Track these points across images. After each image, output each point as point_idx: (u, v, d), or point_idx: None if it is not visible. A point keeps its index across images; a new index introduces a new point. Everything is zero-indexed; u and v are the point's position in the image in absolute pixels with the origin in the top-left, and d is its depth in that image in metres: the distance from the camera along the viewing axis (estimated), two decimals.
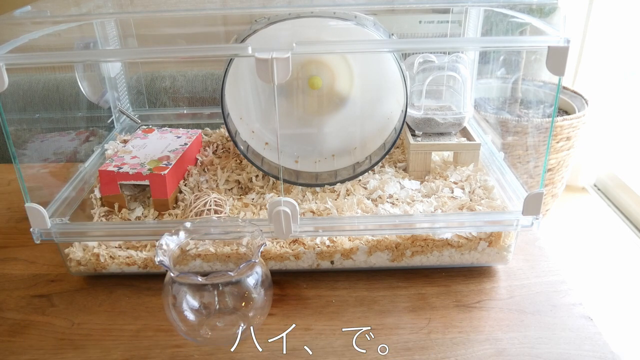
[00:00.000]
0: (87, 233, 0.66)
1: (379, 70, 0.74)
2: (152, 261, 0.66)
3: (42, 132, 0.89)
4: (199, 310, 0.53)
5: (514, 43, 0.66)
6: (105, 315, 0.62)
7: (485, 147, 0.81)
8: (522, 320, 0.60)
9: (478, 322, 0.60)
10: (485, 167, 0.78)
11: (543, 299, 0.64)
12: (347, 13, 0.69)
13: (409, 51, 0.85)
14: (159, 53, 0.59)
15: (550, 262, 0.70)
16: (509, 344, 0.57)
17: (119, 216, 0.71)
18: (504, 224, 0.64)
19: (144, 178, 0.70)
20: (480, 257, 0.67)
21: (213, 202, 0.68)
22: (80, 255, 0.66)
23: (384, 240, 0.66)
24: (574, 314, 0.61)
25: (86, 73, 0.87)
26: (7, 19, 0.62)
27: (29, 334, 0.60)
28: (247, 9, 0.74)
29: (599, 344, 0.57)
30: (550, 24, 0.59)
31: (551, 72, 0.55)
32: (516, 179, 0.71)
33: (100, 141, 0.87)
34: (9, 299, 0.65)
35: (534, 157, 1.11)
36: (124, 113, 0.93)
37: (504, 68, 1.14)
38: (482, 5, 0.74)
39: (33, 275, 0.69)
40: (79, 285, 0.67)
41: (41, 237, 0.63)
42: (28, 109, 1.15)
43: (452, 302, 0.63)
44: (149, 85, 1.16)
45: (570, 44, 0.54)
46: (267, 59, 0.52)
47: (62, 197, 0.69)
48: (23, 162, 0.62)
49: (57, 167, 0.84)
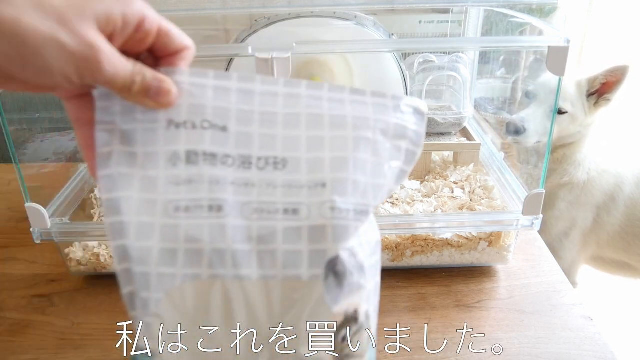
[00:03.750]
0: (88, 233, 0.66)
1: (379, 70, 0.74)
2: None
3: (42, 132, 0.89)
4: None
5: (514, 43, 0.66)
6: (105, 315, 0.62)
7: (485, 147, 0.81)
8: (522, 320, 0.60)
9: (478, 322, 0.60)
10: (485, 167, 0.78)
11: (543, 299, 0.64)
12: (347, 13, 0.69)
13: (409, 51, 0.85)
14: None
15: (550, 262, 0.70)
16: (509, 344, 0.57)
17: None
18: (504, 224, 0.64)
19: None
20: (480, 257, 0.67)
21: None
22: (80, 255, 0.66)
23: (384, 240, 0.66)
24: (574, 314, 0.61)
25: None
26: None
27: (29, 334, 0.60)
28: (247, 9, 0.74)
29: (599, 344, 0.57)
30: (550, 24, 0.59)
31: (551, 72, 0.55)
32: (516, 179, 0.71)
33: None
34: (9, 299, 0.65)
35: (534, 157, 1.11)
36: None
37: (504, 68, 1.14)
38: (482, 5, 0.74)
39: (33, 275, 0.69)
40: (79, 285, 0.67)
41: (41, 237, 0.63)
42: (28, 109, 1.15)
43: (452, 302, 0.63)
44: None
45: (570, 44, 0.54)
46: (267, 59, 0.52)
47: (62, 197, 0.69)
48: (23, 162, 0.62)
49: (57, 167, 0.84)
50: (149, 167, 0.30)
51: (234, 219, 0.30)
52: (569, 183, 1.14)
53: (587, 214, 1.16)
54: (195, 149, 0.31)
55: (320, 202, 0.30)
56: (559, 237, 1.18)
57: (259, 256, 0.30)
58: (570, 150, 1.14)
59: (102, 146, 0.31)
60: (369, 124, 0.33)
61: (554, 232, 1.18)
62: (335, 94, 0.33)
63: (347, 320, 0.31)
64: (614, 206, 1.15)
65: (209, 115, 0.31)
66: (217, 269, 0.29)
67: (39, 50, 0.27)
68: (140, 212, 0.30)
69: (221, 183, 0.30)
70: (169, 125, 0.31)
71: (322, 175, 0.31)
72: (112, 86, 0.30)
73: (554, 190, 1.15)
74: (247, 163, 0.31)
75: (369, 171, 0.32)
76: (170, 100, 0.31)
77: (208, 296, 0.30)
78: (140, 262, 0.29)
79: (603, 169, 1.14)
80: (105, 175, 0.30)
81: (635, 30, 1.81)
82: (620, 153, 1.19)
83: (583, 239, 1.19)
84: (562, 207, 1.16)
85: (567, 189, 1.15)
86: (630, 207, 1.14)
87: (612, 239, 1.18)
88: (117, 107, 0.31)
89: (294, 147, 0.32)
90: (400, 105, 0.34)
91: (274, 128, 0.32)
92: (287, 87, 0.33)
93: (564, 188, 1.15)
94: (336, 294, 0.30)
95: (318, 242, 0.30)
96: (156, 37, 0.31)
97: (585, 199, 1.15)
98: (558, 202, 1.16)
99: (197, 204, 0.30)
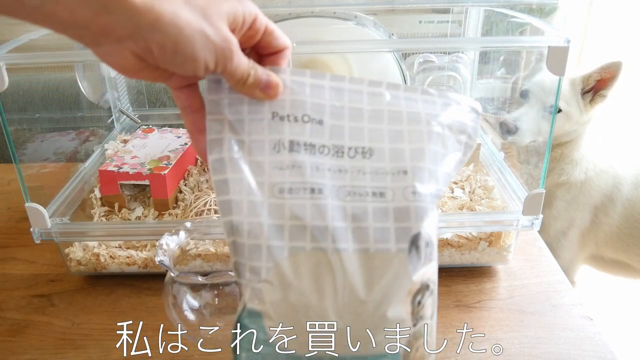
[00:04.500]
0: (87, 233, 0.66)
1: (379, 70, 0.74)
2: (152, 261, 0.66)
3: (42, 132, 0.89)
4: (199, 310, 0.53)
5: (514, 43, 0.66)
6: (105, 315, 0.62)
7: (485, 147, 0.81)
8: (522, 320, 0.60)
9: (478, 322, 0.60)
10: (485, 167, 0.78)
11: (543, 299, 0.64)
12: (347, 13, 0.69)
13: (409, 51, 0.85)
14: None
15: (551, 262, 0.70)
16: (509, 344, 0.57)
17: (119, 216, 0.71)
18: (504, 224, 0.64)
19: (144, 178, 0.70)
20: (480, 257, 0.67)
21: (213, 202, 0.68)
22: (80, 255, 0.66)
23: None
24: (574, 314, 0.61)
25: (86, 73, 0.87)
26: (7, 18, 0.62)
27: (29, 334, 0.60)
28: None
29: (599, 344, 0.57)
30: (550, 24, 0.59)
31: (551, 72, 0.55)
32: (516, 179, 0.71)
33: (100, 141, 0.87)
34: (9, 299, 0.65)
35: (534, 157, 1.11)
36: (124, 113, 0.93)
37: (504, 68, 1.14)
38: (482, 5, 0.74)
39: (33, 275, 0.69)
40: (79, 285, 0.67)
41: (41, 237, 0.63)
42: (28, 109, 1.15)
43: (452, 302, 0.63)
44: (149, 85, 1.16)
45: (570, 44, 0.54)
46: None
47: (62, 197, 0.69)
48: (23, 162, 0.62)
49: (57, 167, 0.84)
50: (256, 153, 0.35)
51: (332, 200, 0.35)
52: (567, 182, 1.14)
53: (585, 214, 1.16)
54: (298, 139, 0.36)
55: (403, 186, 0.36)
56: (557, 237, 1.18)
57: (354, 232, 0.35)
58: (568, 148, 1.14)
59: (213, 133, 0.35)
60: (438, 120, 0.38)
61: (552, 232, 1.18)
62: (409, 93, 0.38)
63: (422, 287, 0.36)
64: (612, 207, 1.15)
65: (308, 110, 0.36)
66: (319, 242, 0.34)
67: (190, 40, 0.30)
68: (250, 192, 0.34)
69: (320, 169, 0.35)
70: (274, 117, 0.36)
71: (403, 163, 0.36)
72: (233, 76, 0.34)
73: (552, 190, 1.15)
74: (340, 152, 0.36)
75: (439, 160, 0.37)
76: (276, 93, 0.35)
77: (311, 265, 0.34)
78: (252, 236, 0.34)
79: (601, 169, 1.14)
80: (216, 159, 0.35)
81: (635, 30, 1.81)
82: (619, 154, 1.19)
83: (581, 239, 1.19)
84: (560, 207, 1.16)
85: (564, 189, 1.15)
86: (629, 208, 1.14)
87: (611, 239, 1.18)
88: (226, 101, 0.36)
89: (378, 138, 0.37)
90: (461, 105, 0.39)
91: (361, 122, 0.37)
92: (370, 87, 0.38)
93: (561, 187, 1.15)
94: (416, 264, 0.35)
95: (403, 221, 0.35)
96: (262, 35, 0.35)
97: (583, 199, 1.15)
98: (556, 202, 1.16)
99: (299, 187, 0.35)
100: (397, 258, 0.35)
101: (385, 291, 0.34)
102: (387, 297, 0.35)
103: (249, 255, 0.34)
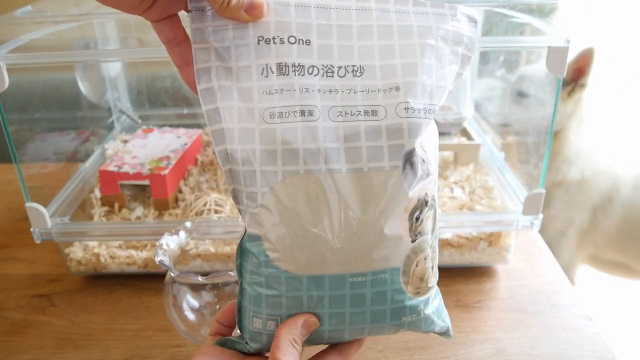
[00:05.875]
0: (88, 233, 0.66)
1: None
2: (152, 261, 0.66)
3: (42, 132, 0.89)
4: (199, 310, 0.53)
5: (514, 43, 0.66)
6: (105, 315, 0.62)
7: (485, 147, 0.81)
8: (522, 320, 0.60)
9: (478, 322, 0.60)
10: (485, 167, 0.78)
11: (543, 299, 0.64)
12: None
13: None
14: (159, 53, 0.59)
15: (550, 262, 0.70)
16: (509, 344, 0.57)
17: (119, 216, 0.71)
18: (504, 224, 0.64)
19: (144, 178, 0.70)
20: (480, 257, 0.67)
21: (213, 202, 0.68)
22: (80, 255, 0.66)
23: None
24: (574, 314, 0.61)
25: (86, 73, 0.87)
26: (7, 19, 0.62)
27: (29, 334, 0.60)
28: None
29: (599, 344, 0.57)
30: (550, 24, 0.59)
31: (551, 72, 0.55)
32: (516, 179, 0.71)
33: (100, 141, 0.87)
34: (9, 299, 0.65)
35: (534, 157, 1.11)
36: (124, 113, 0.93)
37: (504, 68, 1.14)
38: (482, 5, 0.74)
39: (33, 275, 0.69)
40: (79, 285, 0.67)
41: (41, 237, 0.63)
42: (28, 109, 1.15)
43: (452, 302, 0.63)
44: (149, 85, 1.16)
45: (570, 44, 0.54)
46: None
47: (62, 197, 0.69)
48: (23, 162, 0.62)
49: (57, 167, 0.84)
50: (244, 80, 0.35)
51: (323, 121, 0.34)
52: (563, 182, 1.14)
53: (584, 215, 1.16)
54: (285, 61, 0.35)
55: (395, 103, 0.35)
56: (556, 237, 1.18)
57: (347, 152, 0.34)
58: (556, 142, 1.14)
59: (200, 63, 0.35)
60: (431, 32, 0.37)
61: (551, 231, 1.18)
62: (400, 6, 0.37)
63: (420, 203, 0.36)
64: (610, 208, 1.15)
65: (294, 31, 0.35)
66: (312, 165, 0.34)
67: None
68: (241, 119, 0.34)
69: (310, 90, 0.35)
70: (259, 42, 0.35)
71: (395, 79, 0.35)
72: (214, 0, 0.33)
73: (549, 190, 1.15)
74: (330, 72, 0.35)
75: (433, 75, 0.36)
76: (261, 13, 0.34)
77: (306, 188, 0.34)
78: (246, 163, 0.34)
79: (600, 170, 1.14)
80: (205, 89, 0.35)
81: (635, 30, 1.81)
82: (618, 154, 1.19)
83: (580, 239, 1.20)
84: (559, 207, 1.16)
85: (562, 189, 1.15)
86: (628, 209, 1.14)
87: (609, 240, 1.18)
88: (210, 28, 0.35)
89: (369, 55, 0.36)
90: (457, 14, 0.38)
91: (350, 39, 0.36)
92: (358, 2, 0.37)
93: (559, 187, 1.15)
94: (411, 180, 0.35)
95: (396, 138, 0.35)
96: None
97: (582, 199, 1.15)
98: (554, 202, 1.16)
99: (290, 110, 0.34)
100: (391, 175, 0.35)
101: (381, 209, 0.35)
102: (383, 214, 0.35)
103: (245, 182, 0.34)
